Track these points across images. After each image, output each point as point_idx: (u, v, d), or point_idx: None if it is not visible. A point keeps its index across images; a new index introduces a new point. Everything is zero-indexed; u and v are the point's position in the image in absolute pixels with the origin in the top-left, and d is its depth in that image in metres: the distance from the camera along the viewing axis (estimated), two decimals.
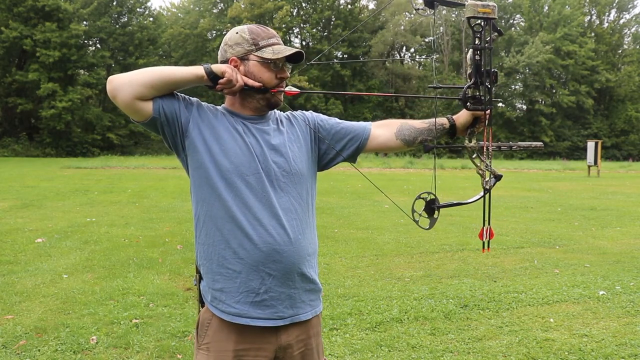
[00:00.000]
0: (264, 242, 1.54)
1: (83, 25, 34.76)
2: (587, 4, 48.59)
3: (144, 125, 1.57)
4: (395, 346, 3.60)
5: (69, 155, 32.85)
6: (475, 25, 1.61)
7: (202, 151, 1.56)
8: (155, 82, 1.50)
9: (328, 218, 9.20)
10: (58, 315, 4.12)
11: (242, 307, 1.56)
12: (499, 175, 1.69)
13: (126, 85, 1.48)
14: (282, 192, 1.60)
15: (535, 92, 44.34)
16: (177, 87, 1.55)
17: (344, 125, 1.78)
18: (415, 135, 1.75)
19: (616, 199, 12.91)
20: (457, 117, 1.74)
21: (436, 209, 1.70)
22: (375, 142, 1.77)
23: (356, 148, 1.76)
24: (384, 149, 1.81)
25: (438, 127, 1.74)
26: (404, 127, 1.77)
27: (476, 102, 1.66)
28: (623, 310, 4.37)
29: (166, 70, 1.52)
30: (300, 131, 1.72)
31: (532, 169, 27.51)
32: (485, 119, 1.68)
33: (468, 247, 6.81)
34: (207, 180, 1.57)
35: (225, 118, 1.62)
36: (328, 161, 1.78)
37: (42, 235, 7.23)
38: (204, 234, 1.60)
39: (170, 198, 11.69)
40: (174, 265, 5.75)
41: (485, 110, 1.65)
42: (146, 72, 1.51)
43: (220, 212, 1.56)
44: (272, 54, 1.58)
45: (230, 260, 1.56)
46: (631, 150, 44.83)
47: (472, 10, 1.58)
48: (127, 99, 1.49)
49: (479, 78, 1.63)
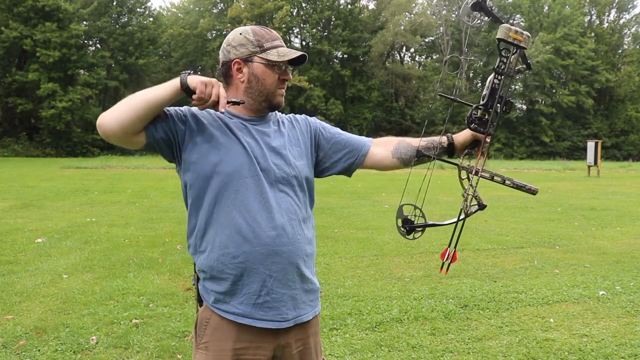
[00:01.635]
0: (263, 243, 1.55)
1: (83, 25, 34.76)
2: (587, 4, 48.59)
3: (142, 150, 1.56)
4: (395, 346, 3.60)
5: (69, 155, 32.85)
6: (503, 50, 1.58)
7: (200, 161, 1.56)
8: (140, 112, 1.46)
9: (328, 218, 9.19)
10: (58, 315, 4.11)
11: (245, 309, 1.56)
12: (483, 205, 1.65)
13: (114, 125, 1.46)
14: (281, 193, 1.60)
15: (535, 92, 44.34)
16: (161, 107, 1.50)
17: (344, 137, 1.78)
18: (412, 154, 1.75)
19: (616, 199, 12.91)
20: (456, 136, 1.74)
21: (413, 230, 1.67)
22: (371, 160, 1.77)
23: (352, 163, 1.77)
24: (379, 167, 1.80)
25: (437, 145, 1.73)
26: (401, 145, 1.77)
27: (481, 125, 1.63)
28: (623, 310, 4.37)
29: (146, 95, 1.47)
30: (300, 134, 1.72)
31: (532, 169, 27.52)
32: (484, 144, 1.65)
33: (468, 247, 6.81)
34: (207, 189, 1.57)
35: (222, 121, 1.61)
36: (323, 170, 1.78)
37: (42, 235, 7.23)
38: (205, 241, 1.60)
39: (170, 198, 11.69)
40: (174, 265, 5.75)
41: (486, 134, 1.63)
42: (129, 106, 1.46)
43: (221, 218, 1.56)
44: (278, 57, 1.58)
45: (230, 264, 1.56)
46: (631, 150, 44.84)
47: (503, 32, 1.55)
48: (120, 137, 1.48)
49: (490, 102, 1.60)
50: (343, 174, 1.80)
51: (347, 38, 42.30)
